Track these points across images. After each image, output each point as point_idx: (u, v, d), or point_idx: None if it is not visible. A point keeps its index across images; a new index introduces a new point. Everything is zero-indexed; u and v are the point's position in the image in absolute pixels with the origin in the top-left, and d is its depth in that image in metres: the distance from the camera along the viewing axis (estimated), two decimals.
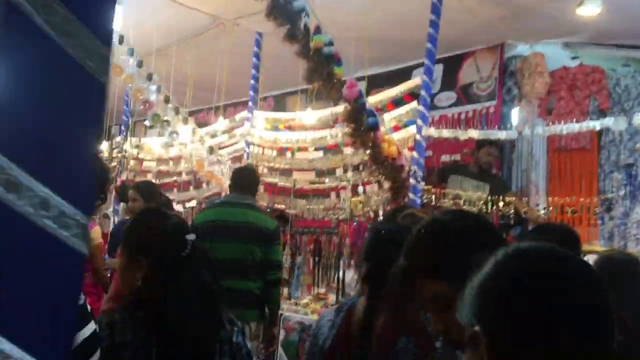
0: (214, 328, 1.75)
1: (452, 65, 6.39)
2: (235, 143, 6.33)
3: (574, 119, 4.73)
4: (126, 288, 1.78)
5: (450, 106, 6.38)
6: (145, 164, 7.47)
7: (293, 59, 4.43)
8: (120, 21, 5.80)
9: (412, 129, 4.84)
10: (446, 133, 4.70)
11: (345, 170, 5.24)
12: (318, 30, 4.08)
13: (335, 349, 1.81)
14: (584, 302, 0.83)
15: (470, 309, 0.89)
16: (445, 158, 6.20)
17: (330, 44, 4.06)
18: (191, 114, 7.45)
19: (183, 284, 1.68)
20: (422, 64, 4.83)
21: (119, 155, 7.50)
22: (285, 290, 5.55)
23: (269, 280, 3.94)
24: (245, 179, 4.08)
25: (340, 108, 4.65)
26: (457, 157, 6.07)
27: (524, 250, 0.90)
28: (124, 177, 7.77)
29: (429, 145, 5.25)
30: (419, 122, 4.71)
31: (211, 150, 5.99)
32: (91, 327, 1.14)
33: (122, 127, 7.98)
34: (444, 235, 1.24)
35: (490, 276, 0.88)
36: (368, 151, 4.39)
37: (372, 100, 5.14)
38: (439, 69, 6.30)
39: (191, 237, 1.77)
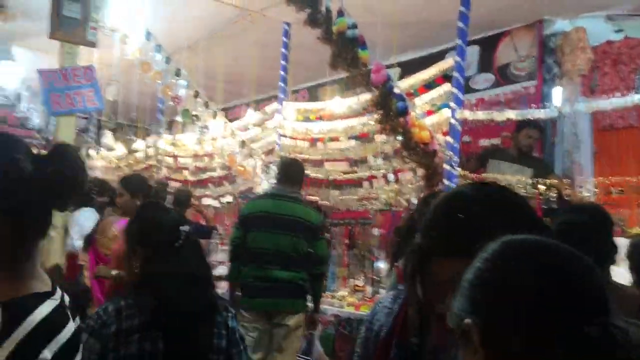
0: (210, 311, 1.85)
1: (488, 46, 6.15)
2: (267, 136, 6.25)
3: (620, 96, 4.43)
4: (128, 276, 1.92)
5: (487, 88, 6.13)
6: (180, 160, 7.51)
7: (324, 49, 4.31)
8: (149, 18, 5.82)
9: (446, 112, 4.65)
10: (481, 115, 4.49)
11: (378, 159, 5.09)
12: (341, 13, 3.94)
13: (392, 336, 1.74)
14: (580, 294, 0.78)
15: (465, 301, 0.84)
16: (484, 143, 5.97)
17: (354, 26, 3.91)
18: (225, 110, 7.45)
19: (176, 271, 1.80)
20: (456, 47, 4.63)
21: (154, 154, 7.57)
22: None
23: (313, 274, 3.97)
24: (292, 171, 4.06)
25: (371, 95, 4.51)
26: (497, 141, 5.83)
27: (520, 242, 0.85)
28: (161, 175, 7.85)
29: (466, 130, 5.05)
30: (453, 104, 4.52)
31: (243, 144, 5.93)
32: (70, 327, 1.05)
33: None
34: (465, 208, 1.10)
35: (486, 267, 0.83)
36: (398, 137, 4.23)
37: (403, 85, 4.97)
38: (474, 51, 6.07)
39: (185, 228, 1.89)
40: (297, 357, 4.20)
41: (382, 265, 4.97)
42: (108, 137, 8.93)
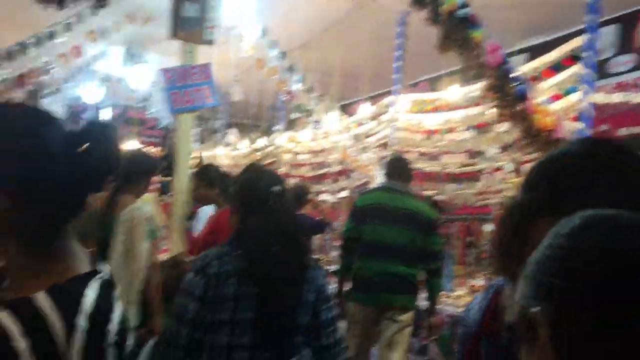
0: (298, 266, 1.99)
1: (628, 24, 5.51)
2: (382, 130, 6.10)
3: None
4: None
5: (628, 71, 5.49)
6: (299, 157, 7.61)
7: None
8: (264, 17, 5.93)
9: (575, 96, 4.20)
10: (616, 98, 3.99)
11: (497, 150, 4.73)
12: None
13: (482, 330, 1.64)
14: None
15: (531, 286, 0.67)
16: (623, 131, 5.35)
17: (465, 5, 3.64)
18: (343, 107, 7.41)
19: (267, 227, 1.97)
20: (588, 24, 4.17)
21: (275, 151, 7.74)
22: None
23: (429, 270, 3.88)
24: (401, 167, 4.02)
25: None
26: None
27: (605, 218, 0.67)
28: (281, 171, 8.01)
29: (604, 118, 4.54)
30: (584, 87, 4.07)
31: (356, 138, 5.84)
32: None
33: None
34: (573, 161, 0.94)
35: (561, 245, 0.65)
36: (518, 125, 3.87)
37: (526, 68, 4.57)
38: (612, 31, 5.48)
39: (275, 189, 2.03)
40: (408, 356, 4.04)
41: None
42: (232, 136, 9.29)
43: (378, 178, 5.85)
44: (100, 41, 6.16)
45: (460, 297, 4.81)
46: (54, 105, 8.47)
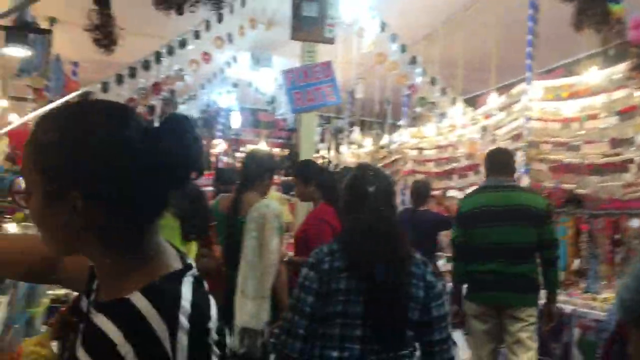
0: (403, 261, 2.03)
1: None
2: (514, 120, 5.73)
3: None
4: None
5: None
6: (425, 152, 7.40)
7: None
8: (383, 11, 5.84)
9: None
10: None
11: None
12: None
13: (618, 331, 1.77)
14: None
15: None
16: None
17: None
18: (468, 100, 7.10)
19: (368, 224, 2.04)
20: None
21: (399, 147, 7.60)
22: (579, 283, 4.82)
23: (545, 259, 3.76)
24: (501, 160, 3.91)
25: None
26: None
27: None
28: (406, 168, 7.85)
29: None
30: None
31: (485, 130, 5.54)
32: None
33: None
34: None
35: None
36: None
37: None
38: None
39: (371, 189, 2.09)
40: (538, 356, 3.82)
41: None
42: (356, 134, 9.28)
43: None
44: (227, 47, 6.42)
45: (607, 300, 4.36)
46: (190, 111, 9.00)
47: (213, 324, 0.91)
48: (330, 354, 1.98)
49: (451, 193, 6.92)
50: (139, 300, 0.84)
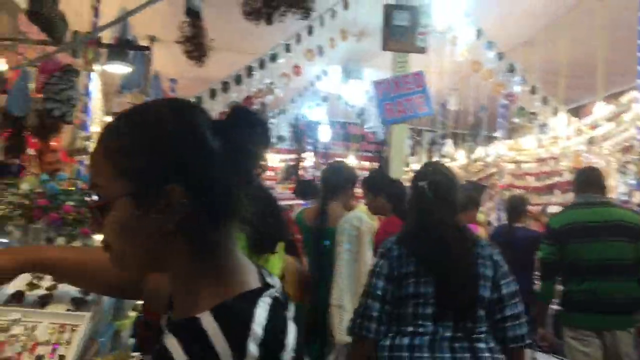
0: (467, 245, 2.12)
1: None
2: (624, 131, 5.28)
3: None
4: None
5: None
6: (523, 166, 7.01)
7: None
8: (479, 18, 5.60)
9: None
10: None
11: None
12: None
13: None
14: None
15: None
16: None
17: None
18: (572, 111, 6.66)
19: (427, 218, 2.15)
20: None
21: (495, 160, 7.25)
22: None
23: None
24: (592, 178, 3.74)
25: None
26: None
27: None
28: (503, 182, 7.48)
29: None
30: None
31: (591, 142, 5.13)
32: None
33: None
34: None
35: None
36: None
37: None
38: None
39: (423, 184, 2.19)
40: None
41: None
42: (449, 147, 8.99)
43: (620, 187, 5.09)
44: (317, 59, 6.41)
45: None
46: (280, 125, 9.10)
47: (288, 354, 0.80)
48: (405, 329, 2.09)
49: (552, 209, 6.50)
50: (208, 321, 0.76)
